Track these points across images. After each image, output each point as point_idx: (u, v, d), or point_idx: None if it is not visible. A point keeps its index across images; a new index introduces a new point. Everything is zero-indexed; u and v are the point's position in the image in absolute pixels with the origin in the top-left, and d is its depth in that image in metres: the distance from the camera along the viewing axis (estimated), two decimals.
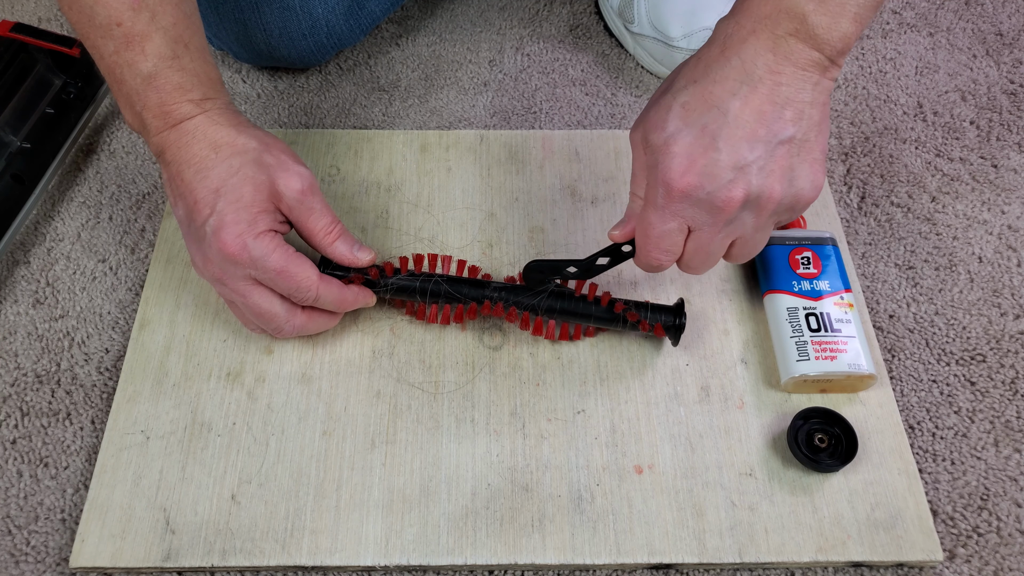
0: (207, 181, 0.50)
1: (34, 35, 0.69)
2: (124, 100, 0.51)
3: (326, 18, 0.70)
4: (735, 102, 0.44)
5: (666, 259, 0.50)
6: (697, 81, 0.45)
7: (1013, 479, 0.55)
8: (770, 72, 0.44)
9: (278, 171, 0.51)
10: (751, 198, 0.45)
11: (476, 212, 0.65)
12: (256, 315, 0.53)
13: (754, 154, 0.44)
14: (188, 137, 0.50)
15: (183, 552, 0.50)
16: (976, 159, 0.71)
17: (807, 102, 0.44)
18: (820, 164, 0.46)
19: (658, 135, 0.46)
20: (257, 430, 0.55)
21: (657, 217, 0.47)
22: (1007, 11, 0.82)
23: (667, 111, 0.46)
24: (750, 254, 0.51)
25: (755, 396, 0.56)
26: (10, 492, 0.54)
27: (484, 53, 0.79)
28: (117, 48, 0.49)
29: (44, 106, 0.68)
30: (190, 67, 0.51)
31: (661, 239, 0.48)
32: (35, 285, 0.63)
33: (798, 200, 0.47)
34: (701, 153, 0.45)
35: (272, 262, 0.50)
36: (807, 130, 0.45)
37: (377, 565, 0.50)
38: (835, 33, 0.43)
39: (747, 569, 0.51)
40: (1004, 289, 0.63)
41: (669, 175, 0.45)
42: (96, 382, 0.58)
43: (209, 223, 0.49)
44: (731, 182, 0.45)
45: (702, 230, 0.47)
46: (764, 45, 0.44)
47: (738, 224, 0.47)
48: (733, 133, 0.44)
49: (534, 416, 0.55)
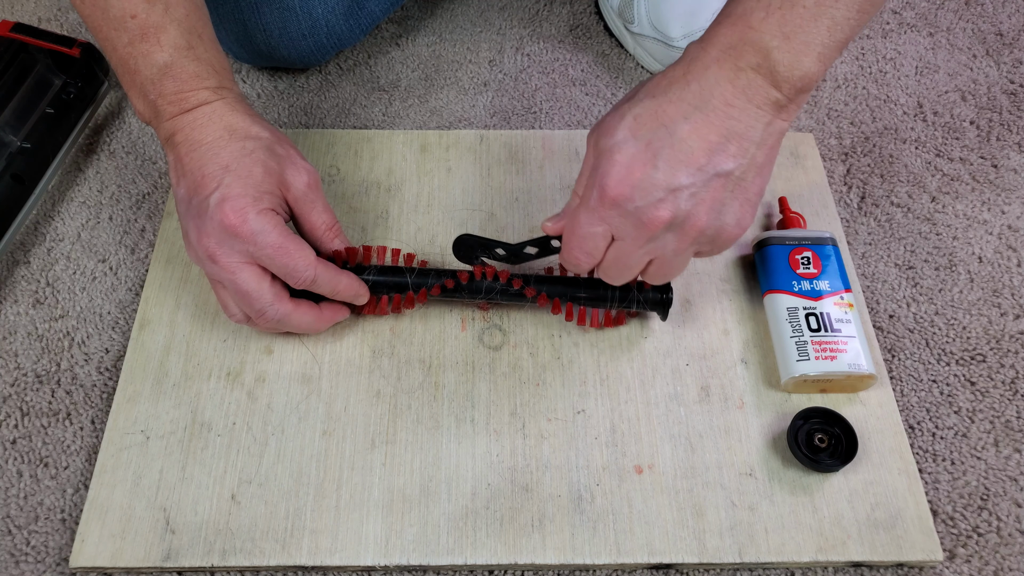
0: (218, 159, 0.50)
1: (34, 35, 0.69)
2: (137, 90, 0.51)
3: (326, 18, 0.70)
4: (684, 125, 0.44)
5: (585, 260, 0.50)
6: (655, 97, 0.46)
7: (1013, 479, 0.55)
8: (725, 103, 0.44)
9: (288, 163, 0.53)
10: (676, 221, 0.46)
11: (476, 212, 0.65)
12: (241, 294, 0.52)
13: (689, 180, 0.45)
14: (204, 119, 0.51)
15: (183, 552, 0.50)
16: (976, 159, 0.71)
17: (755, 141, 0.45)
18: (751, 206, 0.47)
19: (606, 140, 0.47)
20: (257, 430, 0.55)
21: (586, 218, 0.48)
22: (1007, 11, 0.82)
23: (620, 119, 0.47)
24: (666, 276, 0.52)
25: (755, 396, 0.56)
26: (10, 492, 0.54)
27: (484, 53, 0.79)
28: (131, 40, 0.50)
29: (44, 106, 0.68)
30: (205, 57, 0.52)
31: (584, 240, 0.49)
32: (35, 285, 0.63)
33: (720, 234, 0.47)
34: (640, 167, 0.45)
35: (271, 237, 0.50)
36: (747, 169, 0.45)
37: (377, 565, 0.50)
38: (796, 72, 0.43)
39: (747, 569, 0.51)
40: (1004, 289, 0.63)
41: (605, 180, 0.46)
42: (96, 382, 0.58)
43: (214, 195, 0.50)
44: (660, 201, 0.45)
45: (624, 241, 0.48)
46: (725, 75, 0.44)
47: (659, 244, 0.48)
48: (674, 155, 0.45)
49: (534, 416, 0.55)
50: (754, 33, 0.43)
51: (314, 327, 0.56)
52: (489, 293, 0.57)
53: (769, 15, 0.43)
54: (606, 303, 0.57)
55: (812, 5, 0.42)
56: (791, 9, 0.43)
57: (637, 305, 0.57)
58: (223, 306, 0.54)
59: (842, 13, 0.43)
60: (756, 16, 0.43)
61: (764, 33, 0.43)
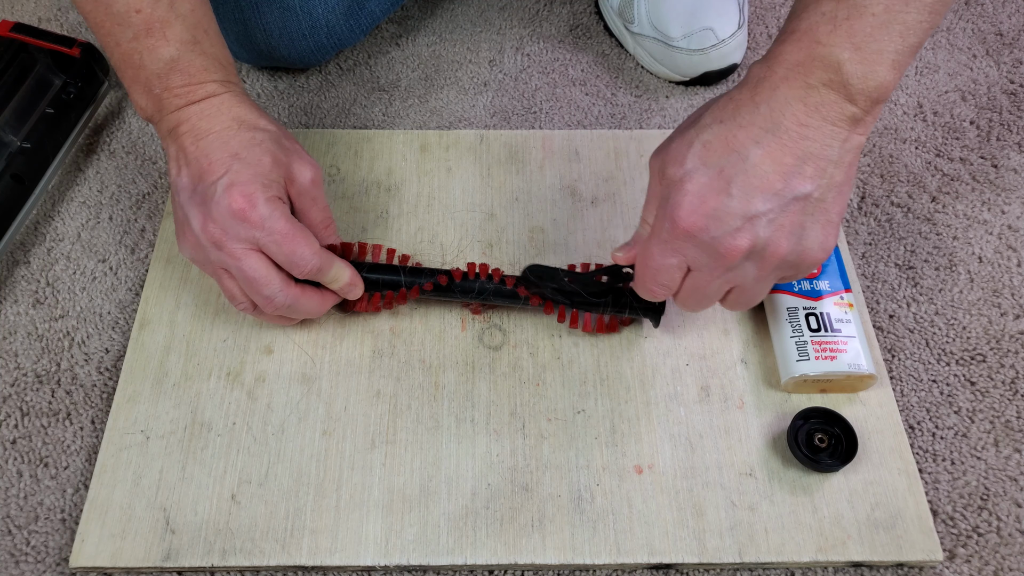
0: (227, 147, 0.51)
1: (34, 35, 0.69)
2: (141, 85, 0.51)
3: (326, 18, 0.70)
4: (757, 150, 0.43)
5: (661, 292, 0.49)
6: (723, 122, 0.44)
7: (1013, 479, 0.55)
8: (798, 124, 0.42)
9: (295, 156, 0.53)
10: (756, 249, 0.45)
11: (476, 212, 0.65)
12: (248, 280, 0.51)
13: (766, 206, 0.43)
14: (212, 110, 0.51)
15: (183, 552, 0.50)
16: (976, 159, 0.71)
17: (832, 160, 0.43)
18: (834, 227, 0.45)
19: (675, 169, 0.45)
20: (257, 430, 0.55)
21: (659, 250, 0.47)
22: (1007, 11, 0.82)
23: (688, 147, 0.45)
24: (748, 304, 0.50)
25: (755, 396, 0.56)
26: (10, 492, 0.54)
27: (484, 53, 0.79)
28: (136, 35, 0.49)
29: (44, 106, 0.68)
30: (211, 51, 0.52)
31: (659, 272, 0.48)
32: (35, 285, 0.63)
33: (803, 259, 0.46)
34: (713, 196, 0.44)
35: (279, 224, 0.50)
36: (826, 190, 0.44)
37: (377, 565, 0.50)
38: (871, 83, 0.41)
39: (747, 569, 0.51)
40: (1004, 289, 0.63)
41: (677, 212, 0.45)
42: (96, 382, 0.58)
43: (222, 180, 0.50)
44: (738, 230, 0.44)
45: (701, 272, 0.47)
46: (795, 94, 0.42)
47: (739, 273, 0.47)
48: (749, 181, 0.43)
49: (534, 416, 0.55)
50: (822, 48, 0.41)
51: (318, 311, 0.56)
52: (482, 293, 0.57)
53: (836, 27, 0.41)
54: (599, 308, 0.56)
55: (881, 12, 0.41)
56: (859, 19, 0.41)
57: (630, 311, 0.56)
58: (229, 295, 0.53)
59: (913, 17, 0.41)
60: (822, 30, 0.42)
61: (833, 47, 0.41)
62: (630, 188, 0.66)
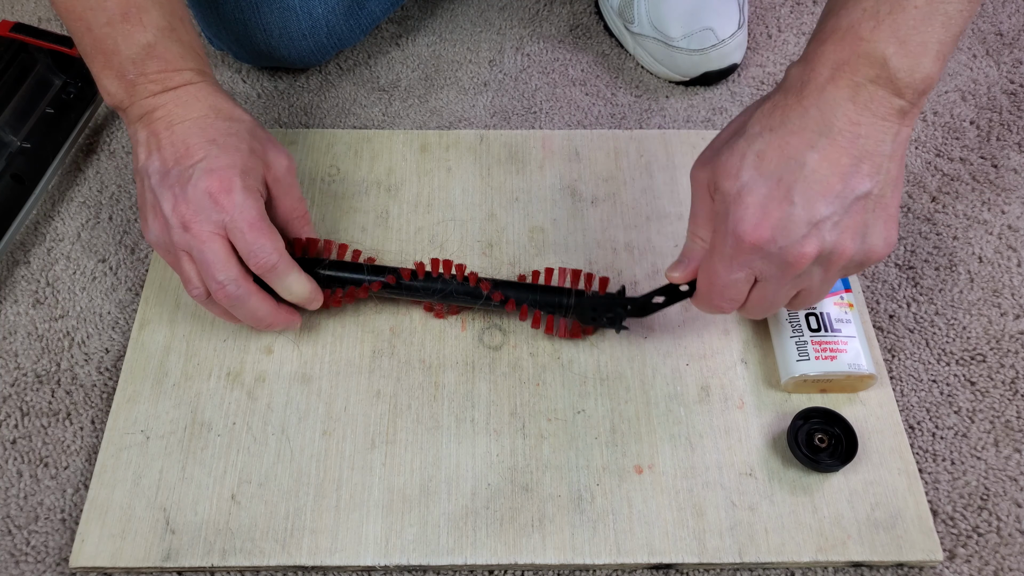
0: (204, 133, 0.51)
1: (34, 35, 0.69)
2: (113, 71, 0.51)
3: (326, 18, 0.70)
4: (813, 155, 0.43)
5: (729, 307, 0.49)
6: (774, 130, 0.44)
7: (1013, 479, 0.55)
8: (850, 123, 0.42)
9: (269, 145, 0.54)
10: (823, 254, 0.45)
11: (476, 212, 0.65)
12: (205, 264, 0.50)
13: (829, 210, 0.43)
14: (188, 97, 0.51)
15: (183, 552, 0.50)
16: (976, 159, 0.71)
17: (886, 155, 0.43)
18: (894, 220, 0.45)
19: (731, 183, 0.45)
20: (257, 430, 0.55)
21: (724, 267, 0.47)
22: (1007, 11, 0.82)
23: (741, 159, 0.45)
24: (812, 303, 0.50)
25: (755, 396, 0.56)
26: (10, 492, 0.54)
27: (484, 53, 0.79)
28: (110, 20, 0.49)
29: (44, 106, 0.68)
30: (186, 39, 0.52)
31: (727, 288, 0.48)
32: (35, 285, 0.63)
33: (869, 256, 0.46)
34: (776, 206, 0.43)
35: (250, 213, 0.50)
36: (884, 185, 0.44)
37: (377, 565, 0.50)
38: (917, 75, 0.41)
39: (747, 569, 0.51)
40: (1004, 289, 0.63)
41: (741, 227, 0.44)
42: (96, 382, 0.58)
43: (200, 164, 0.50)
44: (805, 237, 0.44)
45: (769, 282, 0.47)
46: (843, 94, 0.42)
47: (806, 277, 0.47)
48: (809, 188, 0.43)
49: (534, 416, 0.55)
50: (866, 44, 0.42)
51: (265, 321, 0.54)
52: (445, 294, 0.56)
53: (879, 23, 0.41)
54: (561, 311, 0.56)
55: (923, 4, 0.41)
56: (902, 12, 0.41)
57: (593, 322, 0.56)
58: (185, 280, 0.52)
59: (954, 7, 0.41)
60: (865, 27, 0.42)
61: (877, 42, 0.41)
62: (630, 188, 0.66)
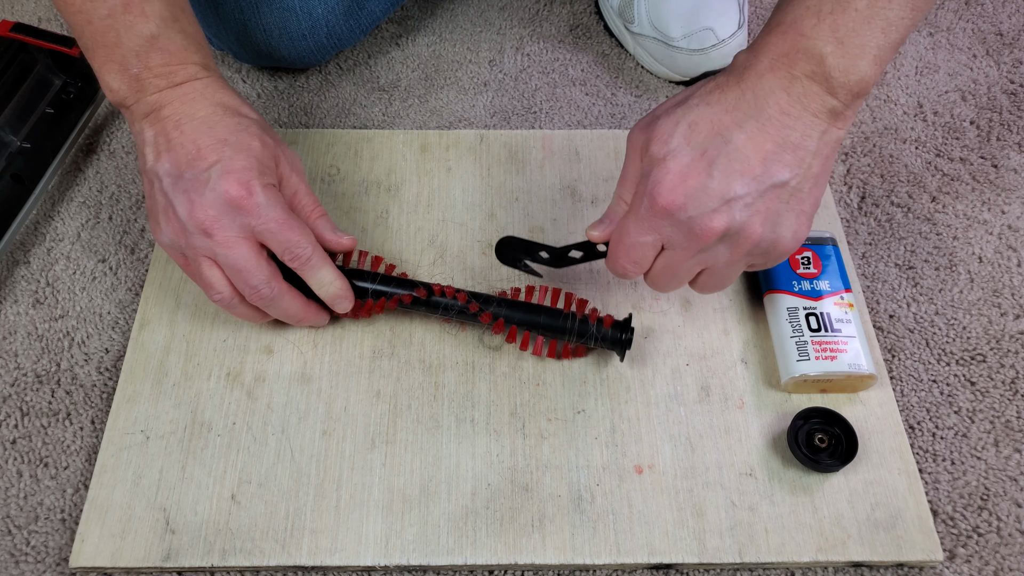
0: (214, 132, 0.50)
1: (34, 35, 0.69)
2: (116, 64, 0.49)
3: (326, 18, 0.70)
4: (740, 135, 0.44)
5: (633, 269, 0.50)
6: (710, 104, 0.45)
7: (1013, 479, 0.55)
8: (780, 112, 0.44)
9: (279, 143, 0.54)
10: (730, 232, 0.45)
11: (476, 212, 0.65)
12: (236, 270, 0.50)
13: (744, 190, 0.44)
14: (195, 94, 0.50)
15: (183, 552, 0.50)
16: (976, 159, 0.71)
17: (810, 150, 0.44)
18: (807, 217, 0.46)
19: (659, 147, 0.46)
20: (257, 430, 0.55)
21: (635, 227, 0.47)
22: (1007, 11, 0.82)
23: (674, 126, 0.46)
24: (716, 287, 0.51)
25: (755, 396, 0.56)
26: (10, 492, 0.54)
27: (484, 53, 0.79)
28: (112, 11, 0.48)
29: (44, 106, 0.68)
30: (189, 31, 0.51)
31: (633, 249, 0.48)
32: (35, 285, 0.63)
33: (775, 246, 0.47)
34: (694, 175, 0.45)
35: (276, 211, 0.50)
36: (803, 179, 0.45)
37: (377, 565, 0.50)
38: (852, 76, 0.43)
39: (747, 569, 0.51)
40: (1004, 289, 0.63)
41: (657, 188, 0.45)
42: (96, 382, 0.58)
43: (215, 168, 0.49)
44: (715, 211, 0.45)
45: (675, 250, 0.48)
46: (779, 83, 0.44)
47: (711, 254, 0.47)
48: (730, 165, 0.44)
49: (534, 416, 0.55)
50: (806, 40, 0.43)
51: (298, 317, 0.55)
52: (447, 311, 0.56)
53: (820, 21, 0.42)
54: (564, 335, 0.55)
55: (864, 7, 0.42)
56: (843, 13, 0.42)
57: (595, 342, 0.55)
58: (206, 285, 0.52)
59: (896, 13, 0.42)
60: (807, 23, 0.43)
61: (817, 39, 0.42)
62: None
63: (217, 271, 0.51)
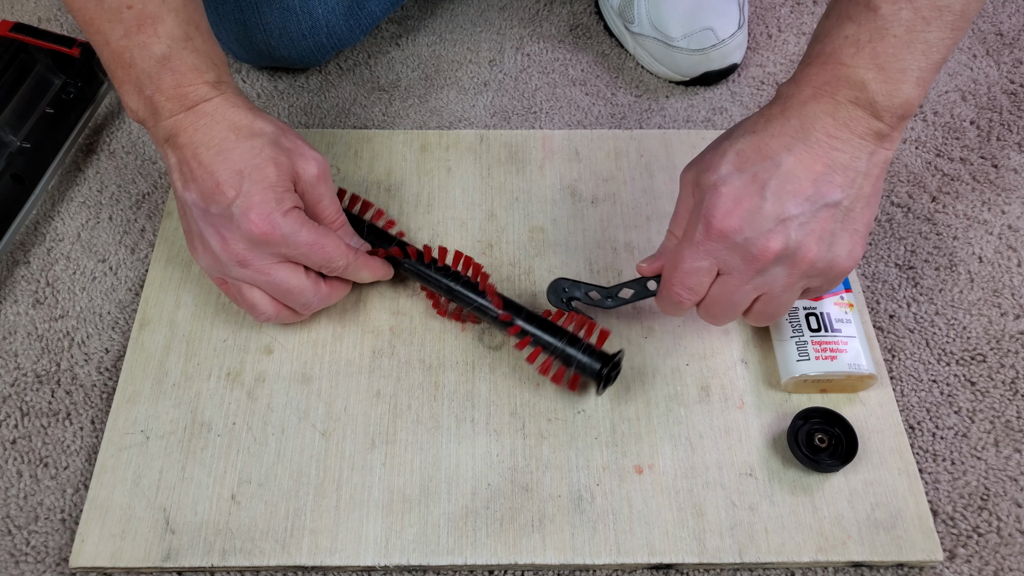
0: (229, 162, 0.50)
1: (34, 35, 0.69)
2: (132, 85, 0.50)
3: (326, 18, 0.70)
4: (789, 157, 0.44)
5: (688, 297, 0.49)
6: (756, 132, 0.46)
7: (1013, 479, 0.55)
8: (827, 136, 0.44)
9: (296, 155, 0.53)
10: (787, 252, 0.45)
11: (476, 212, 0.65)
12: (282, 292, 0.53)
13: (798, 210, 0.44)
14: (207, 119, 0.50)
15: (183, 552, 0.50)
16: (976, 159, 0.71)
17: (860, 171, 0.45)
18: (861, 237, 0.46)
19: (709, 176, 0.46)
20: (257, 430, 0.55)
21: (690, 253, 0.47)
22: (1007, 11, 0.82)
23: (722, 156, 0.46)
24: (772, 316, 0.50)
25: (755, 396, 0.56)
26: (10, 492, 0.54)
27: (484, 53, 0.79)
28: (127, 31, 0.48)
29: (44, 106, 0.68)
30: (203, 48, 0.51)
31: (688, 275, 0.48)
32: (35, 285, 0.63)
33: (832, 266, 0.46)
34: (747, 198, 0.45)
35: (303, 236, 0.51)
36: (855, 199, 0.45)
37: (377, 565, 0.50)
38: (896, 100, 0.43)
39: (747, 569, 0.51)
40: (1004, 289, 0.63)
41: (712, 213, 0.46)
42: (96, 382, 0.58)
43: (236, 205, 0.49)
44: (771, 232, 0.45)
45: (731, 275, 0.47)
46: (824, 109, 0.44)
47: (768, 278, 0.47)
48: (782, 186, 0.44)
49: (534, 416, 0.55)
50: (847, 69, 0.43)
51: (344, 295, 0.57)
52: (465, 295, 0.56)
53: (860, 50, 0.43)
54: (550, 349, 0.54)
55: (903, 33, 0.42)
56: (881, 41, 0.42)
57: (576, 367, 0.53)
58: (250, 307, 0.54)
59: (935, 35, 0.42)
60: (846, 52, 0.43)
61: (857, 68, 0.43)
62: (630, 188, 0.66)
63: (258, 292, 0.53)
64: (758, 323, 0.51)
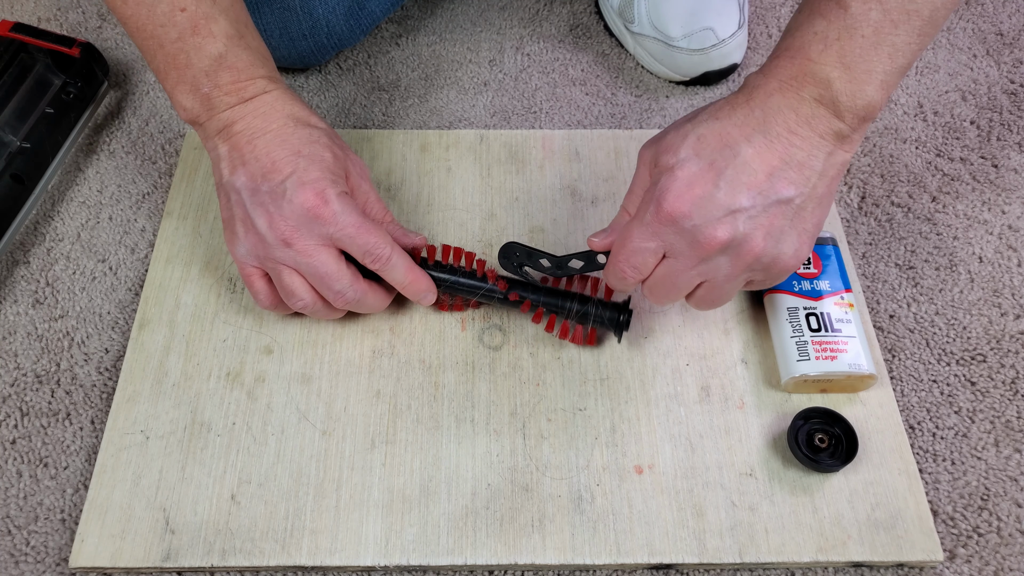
0: (287, 145, 0.51)
1: (34, 35, 0.69)
2: (187, 85, 0.51)
3: (326, 18, 0.70)
4: (748, 148, 0.45)
5: (632, 275, 0.50)
6: (719, 119, 0.46)
7: (1013, 479, 0.55)
8: (788, 131, 0.44)
9: (348, 152, 0.55)
10: (733, 244, 0.46)
11: (476, 212, 0.65)
12: (319, 276, 0.52)
13: (749, 202, 0.45)
14: (266, 108, 0.51)
15: (183, 552, 0.50)
16: (976, 159, 0.71)
17: (816, 170, 0.45)
18: (809, 237, 0.47)
19: (668, 157, 0.47)
20: (257, 430, 0.55)
21: (639, 232, 0.48)
22: (1007, 11, 0.82)
23: (683, 138, 0.47)
24: (713, 302, 0.51)
25: (755, 396, 0.56)
26: (10, 492, 0.54)
27: (484, 53, 0.79)
28: (181, 34, 0.49)
29: (44, 106, 0.68)
30: (254, 45, 0.52)
31: (634, 254, 0.49)
32: (35, 285, 0.63)
33: (776, 262, 0.47)
34: (701, 185, 0.45)
35: (352, 217, 0.51)
36: (807, 198, 0.46)
37: (377, 565, 0.50)
38: (859, 101, 0.43)
39: (747, 569, 0.51)
40: (1004, 289, 0.63)
41: (663, 196, 0.46)
42: (96, 382, 0.58)
43: (291, 179, 0.50)
44: (719, 221, 0.45)
45: (676, 259, 0.48)
46: (787, 103, 0.44)
47: (712, 266, 0.48)
48: (737, 176, 0.45)
49: (534, 416, 0.55)
50: (813, 65, 0.43)
51: (379, 308, 0.57)
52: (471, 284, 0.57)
53: (828, 47, 0.43)
54: (564, 313, 0.56)
55: (871, 34, 0.42)
56: (849, 40, 0.43)
57: (593, 321, 0.56)
58: (287, 292, 0.53)
59: (902, 39, 0.43)
60: (814, 49, 0.44)
61: (824, 65, 0.43)
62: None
63: (298, 279, 0.53)
64: (700, 308, 0.52)
